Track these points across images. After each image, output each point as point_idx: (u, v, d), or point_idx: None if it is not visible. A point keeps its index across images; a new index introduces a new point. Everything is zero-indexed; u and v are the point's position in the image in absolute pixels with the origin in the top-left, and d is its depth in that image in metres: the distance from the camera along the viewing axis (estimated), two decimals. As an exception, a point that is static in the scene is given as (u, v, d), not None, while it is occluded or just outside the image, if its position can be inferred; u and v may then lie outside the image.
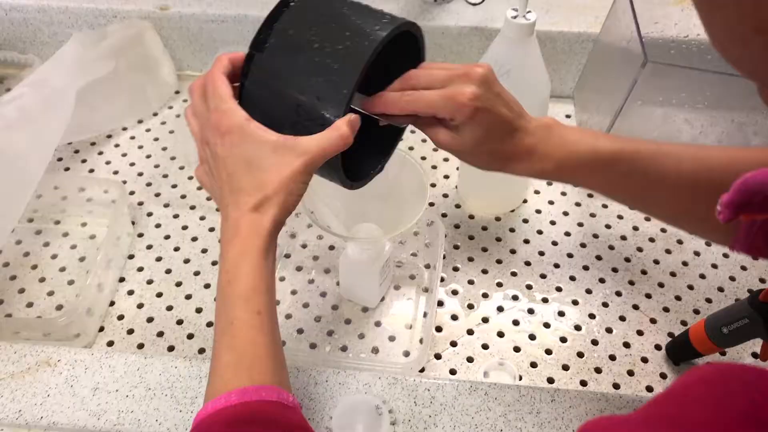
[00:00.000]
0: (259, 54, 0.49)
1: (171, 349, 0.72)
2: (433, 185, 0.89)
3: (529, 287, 0.78)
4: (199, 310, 0.75)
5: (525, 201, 0.87)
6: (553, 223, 0.84)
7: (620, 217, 0.85)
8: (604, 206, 0.87)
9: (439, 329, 0.74)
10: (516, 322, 0.74)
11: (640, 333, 0.74)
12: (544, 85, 0.71)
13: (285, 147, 0.48)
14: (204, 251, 0.81)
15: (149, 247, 0.81)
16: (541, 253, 0.81)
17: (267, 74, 0.50)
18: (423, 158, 0.93)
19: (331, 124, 0.48)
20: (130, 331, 0.73)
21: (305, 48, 0.49)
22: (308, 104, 0.48)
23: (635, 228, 0.84)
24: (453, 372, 0.70)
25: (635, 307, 0.76)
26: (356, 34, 0.48)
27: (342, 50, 0.48)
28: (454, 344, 0.72)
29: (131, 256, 0.80)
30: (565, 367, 0.71)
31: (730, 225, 0.42)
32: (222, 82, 0.50)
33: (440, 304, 0.76)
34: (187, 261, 0.80)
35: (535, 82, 0.71)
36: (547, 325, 0.74)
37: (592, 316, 0.75)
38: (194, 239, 0.82)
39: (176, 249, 0.81)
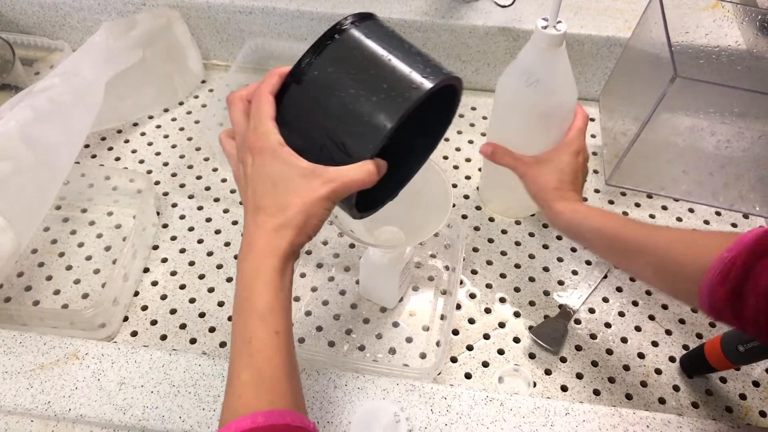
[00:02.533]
0: (296, 85, 0.49)
1: (193, 341, 0.73)
2: (454, 185, 0.90)
3: (546, 293, 0.78)
4: (221, 304, 0.77)
5: (546, 205, 0.87)
6: (572, 229, 0.85)
7: (640, 225, 0.86)
8: (625, 213, 0.87)
9: (455, 332, 0.75)
10: (532, 328, 0.75)
11: (654, 344, 0.74)
12: (571, 95, 0.71)
13: (314, 173, 0.48)
14: (227, 244, 0.82)
15: (173, 238, 0.83)
16: (560, 260, 0.82)
17: (300, 108, 0.50)
18: (445, 158, 0.93)
19: None
20: (154, 322, 0.75)
21: (340, 92, 0.48)
22: (332, 149, 0.48)
23: (655, 237, 0.84)
24: (468, 376, 0.71)
25: (651, 317, 0.77)
26: (392, 88, 0.48)
27: (375, 103, 0.47)
28: (470, 348, 0.74)
29: (155, 247, 0.82)
30: (579, 376, 0.72)
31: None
32: (267, 101, 0.49)
33: (458, 307, 0.77)
34: (210, 254, 0.81)
35: (562, 91, 0.71)
36: (562, 333, 0.75)
37: (608, 325, 0.76)
38: (218, 232, 0.84)
39: (200, 241, 0.82)
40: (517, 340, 0.74)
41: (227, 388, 0.46)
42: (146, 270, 0.79)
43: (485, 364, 0.72)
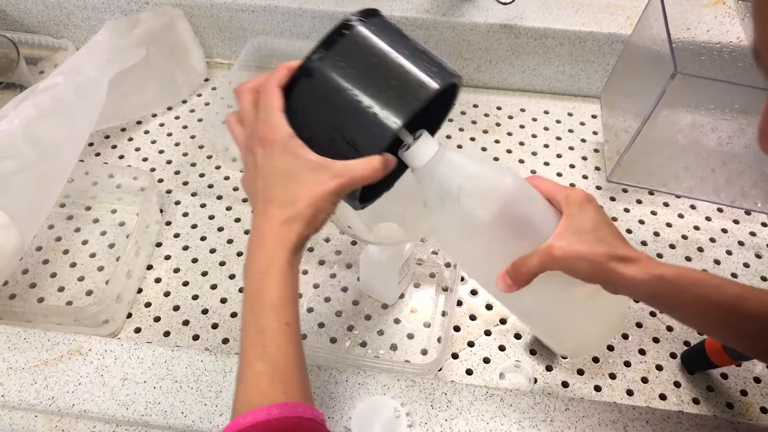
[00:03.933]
0: (305, 79, 0.50)
1: (196, 338, 0.74)
2: (456, 183, 0.90)
3: (547, 290, 0.79)
4: (223, 300, 0.77)
5: (547, 202, 0.87)
6: (574, 225, 0.85)
7: (641, 222, 0.86)
8: (626, 210, 0.87)
9: (457, 329, 0.75)
10: (533, 325, 0.75)
11: (656, 340, 0.75)
12: (503, 174, 0.53)
13: (323, 167, 0.48)
14: (230, 242, 0.83)
15: (176, 235, 0.83)
16: (561, 256, 0.82)
17: (309, 101, 0.50)
18: (447, 155, 0.94)
19: None
20: (157, 319, 0.75)
21: (349, 88, 0.49)
22: (340, 143, 0.49)
23: (656, 234, 0.84)
24: (469, 372, 0.71)
25: (652, 314, 0.77)
26: (401, 86, 0.48)
27: (384, 101, 0.48)
28: (471, 344, 0.74)
29: (159, 244, 0.82)
30: (580, 372, 0.72)
31: None
32: (275, 94, 0.50)
33: (459, 303, 0.77)
34: (213, 251, 0.82)
35: (489, 178, 0.52)
36: (563, 329, 0.75)
37: (609, 321, 0.76)
38: (220, 229, 0.84)
39: (203, 238, 0.83)
40: (518, 336, 0.75)
41: (239, 378, 0.47)
42: (150, 267, 0.80)
43: (486, 360, 0.73)
